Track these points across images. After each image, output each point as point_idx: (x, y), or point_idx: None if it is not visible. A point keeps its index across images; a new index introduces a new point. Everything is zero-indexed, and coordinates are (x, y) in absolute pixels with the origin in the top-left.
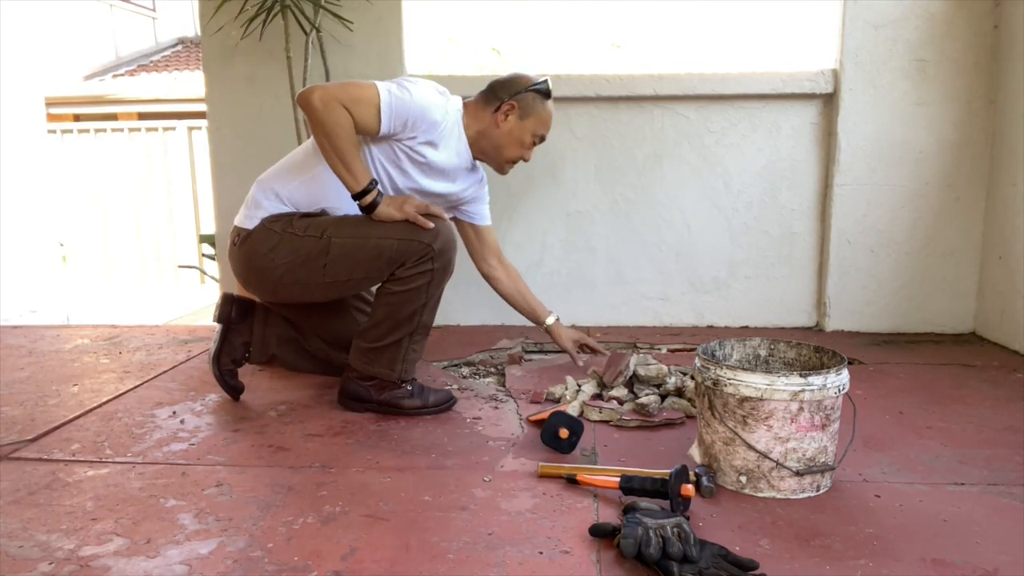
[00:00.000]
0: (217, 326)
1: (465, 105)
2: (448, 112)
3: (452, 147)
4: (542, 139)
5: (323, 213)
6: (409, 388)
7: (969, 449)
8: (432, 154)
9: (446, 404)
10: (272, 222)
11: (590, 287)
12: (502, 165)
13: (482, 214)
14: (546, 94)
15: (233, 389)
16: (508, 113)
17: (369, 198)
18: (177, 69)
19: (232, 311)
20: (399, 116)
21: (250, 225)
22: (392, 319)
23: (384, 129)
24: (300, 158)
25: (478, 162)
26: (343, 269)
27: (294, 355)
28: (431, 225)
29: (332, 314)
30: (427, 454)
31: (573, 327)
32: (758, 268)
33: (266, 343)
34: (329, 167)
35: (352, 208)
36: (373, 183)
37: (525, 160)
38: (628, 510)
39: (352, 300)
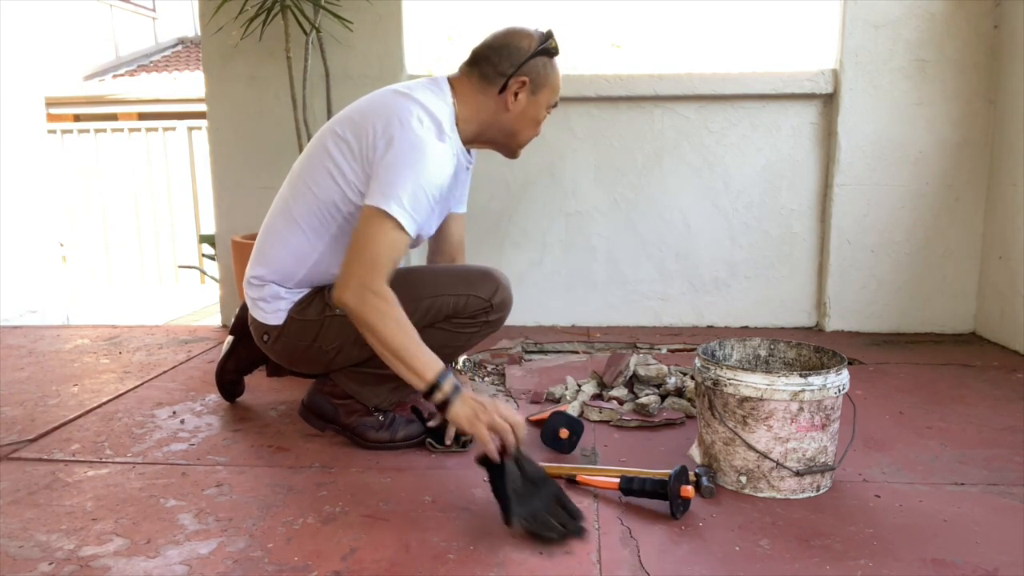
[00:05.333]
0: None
1: (455, 89)
2: (447, 151)
3: (459, 164)
4: (554, 106)
5: None
6: (381, 419)
7: (969, 449)
8: (451, 186)
9: (416, 438)
10: (302, 310)
11: (590, 287)
12: (515, 150)
13: (462, 199)
14: (554, 53)
15: (231, 395)
16: (518, 92)
17: (440, 395)
18: (177, 69)
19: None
20: (424, 214)
21: (275, 321)
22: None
23: (416, 234)
24: (299, 244)
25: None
26: None
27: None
28: (494, 446)
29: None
30: (427, 454)
31: (573, 327)
32: (758, 268)
33: (280, 365)
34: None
35: None
36: (443, 374)
37: (536, 135)
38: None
39: None
